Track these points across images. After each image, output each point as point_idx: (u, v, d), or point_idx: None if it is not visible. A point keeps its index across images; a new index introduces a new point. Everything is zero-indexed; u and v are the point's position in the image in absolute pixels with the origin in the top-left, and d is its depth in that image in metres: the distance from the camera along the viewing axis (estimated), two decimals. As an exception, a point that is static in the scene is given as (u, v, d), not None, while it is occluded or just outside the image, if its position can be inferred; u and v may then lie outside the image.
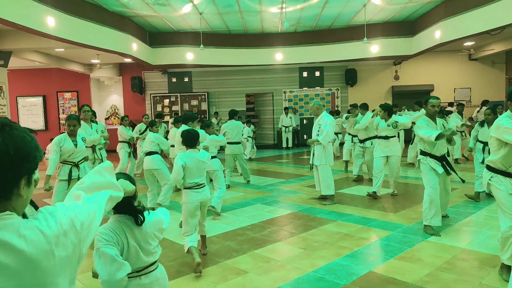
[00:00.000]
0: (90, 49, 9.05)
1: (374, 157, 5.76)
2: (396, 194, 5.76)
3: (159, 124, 9.90)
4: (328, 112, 7.28)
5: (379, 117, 5.67)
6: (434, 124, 3.95)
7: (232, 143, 6.63)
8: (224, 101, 13.78)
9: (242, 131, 6.89)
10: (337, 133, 9.96)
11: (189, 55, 11.91)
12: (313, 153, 5.35)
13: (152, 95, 13.79)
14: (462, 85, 13.48)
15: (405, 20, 11.53)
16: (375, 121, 5.78)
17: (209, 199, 3.63)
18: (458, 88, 13.51)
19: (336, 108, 13.59)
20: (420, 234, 3.95)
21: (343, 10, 10.12)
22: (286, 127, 13.06)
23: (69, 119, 4.26)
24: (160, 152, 5.44)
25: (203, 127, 5.21)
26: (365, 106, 6.94)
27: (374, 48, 11.70)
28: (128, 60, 11.81)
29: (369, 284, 2.89)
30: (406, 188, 6.35)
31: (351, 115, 7.59)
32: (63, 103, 13.85)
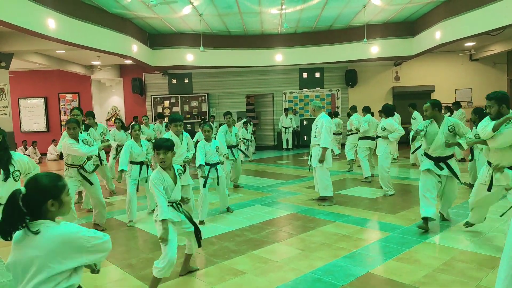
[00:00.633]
0: (91, 51, 9.09)
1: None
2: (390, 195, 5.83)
3: (159, 124, 9.96)
4: (327, 113, 7.32)
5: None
6: (435, 126, 4.03)
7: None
8: (224, 102, 13.79)
9: (236, 134, 6.76)
10: (336, 134, 9.96)
11: (189, 57, 11.93)
12: (311, 154, 5.36)
13: (152, 96, 13.83)
14: (463, 85, 13.45)
15: (405, 21, 11.52)
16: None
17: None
18: (459, 89, 13.48)
19: (336, 109, 13.59)
20: (419, 235, 3.95)
21: (343, 11, 10.12)
22: (286, 128, 13.06)
23: (68, 123, 4.25)
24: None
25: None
26: (367, 108, 7.46)
27: (374, 49, 11.70)
28: (128, 61, 11.85)
29: (367, 285, 2.89)
30: (405, 189, 6.34)
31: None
32: (64, 105, 13.90)
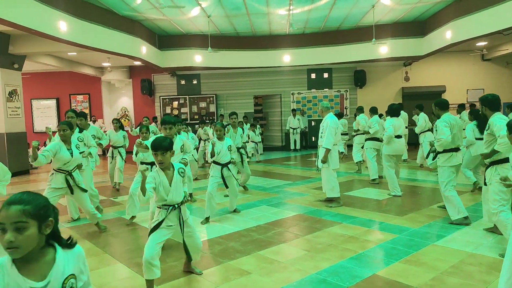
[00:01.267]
0: (101, 52, 9.22)
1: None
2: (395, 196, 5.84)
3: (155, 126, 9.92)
4: (335, 114, 7.28)
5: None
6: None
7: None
8: (232, 103, 13.83)
9: (241, 135, 6.57)
10: (343, 134, 9.88)
11: (197, 58, 12.01)
12: (318, 155, 5.34)
13: (161, 97, 13.95)
14: (475, 86, 13.23)
15: (415, 21, 11.40)
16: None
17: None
18: (470, 89, 13.26)
19: (345, 109, 13.51)
20: (427, 237, 3.89)
21: (351, 11, 10.06)
22: (293, 129, 13.03)
23: (60, 124, 4.12)
24: None
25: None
26: (374, 109, 7.47)
27: (384, 49, 11.60)
28: (137, 63, 11.99)
29: (372, 287, 2.86)
30: (414, 191, 6.27)
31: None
32: (75, 106, 14.12)
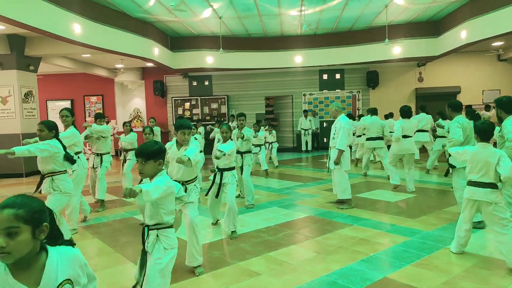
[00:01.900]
0: (114, 54, 9.37)
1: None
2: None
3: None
4: (347, 115, 7.25)
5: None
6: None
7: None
8: (243, 104, 13.87)
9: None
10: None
11: (209, 59, 12.08)
12: (329, 157, 5.30)
13: (173, 98, 14.09)
14: (491, 86, 12.94)
15: (429, 20, 11.22)
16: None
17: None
18: (486, 90, 12.97)
19: (357, 110, 13.39)
20: (440, 241, 3.82)
21: (364, 11, 9.98)
22: (305, 130, 12.98)
23: (61, 110, 4.33)
24: None
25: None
26: (373, 110, 7.69)
27: (397, 49, 11.45)
28: (150, 64, 12.13)
29: (383, 290, 2.83)
30: (427, 193, 6.16)
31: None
32: (89, 107, 14.39)
